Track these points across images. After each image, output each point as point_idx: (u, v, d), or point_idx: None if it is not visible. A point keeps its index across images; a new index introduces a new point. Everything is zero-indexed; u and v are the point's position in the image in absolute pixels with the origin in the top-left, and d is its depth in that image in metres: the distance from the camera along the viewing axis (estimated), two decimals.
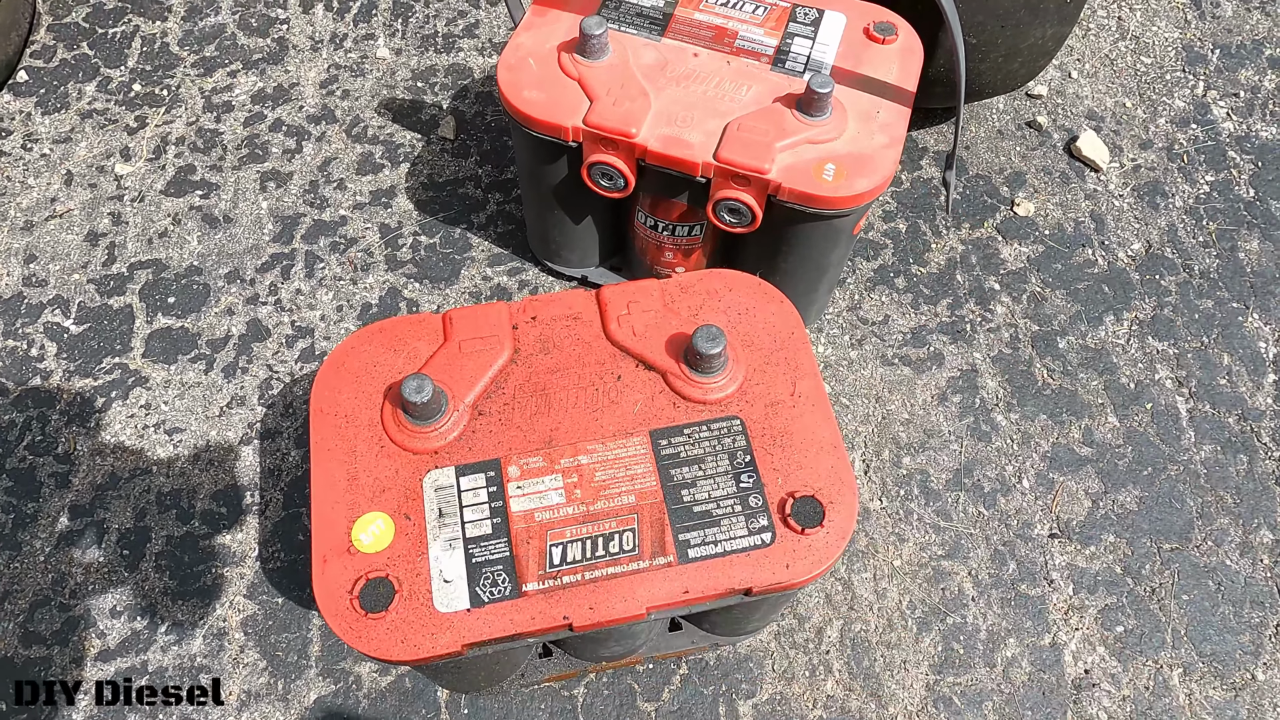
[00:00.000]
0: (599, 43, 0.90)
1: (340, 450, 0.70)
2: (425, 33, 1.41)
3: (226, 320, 1.14)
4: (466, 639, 0.63)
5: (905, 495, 1.04)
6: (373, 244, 1.21)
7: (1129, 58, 1.40)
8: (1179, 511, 1.04)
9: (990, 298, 1.18)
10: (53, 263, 1.19)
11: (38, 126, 1.30)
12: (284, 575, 0.98)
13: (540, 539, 0.66)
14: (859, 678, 0.94)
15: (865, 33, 0.95)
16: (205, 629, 0.95)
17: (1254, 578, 1.00)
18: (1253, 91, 1.36)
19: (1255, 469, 1.06)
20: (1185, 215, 1.25)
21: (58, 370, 1.10)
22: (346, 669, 0.93)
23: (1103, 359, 1.14)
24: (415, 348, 0.75)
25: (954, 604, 0.98)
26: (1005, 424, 1.09)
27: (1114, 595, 0.99)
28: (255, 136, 1.30)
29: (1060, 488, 1.05)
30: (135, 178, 1.26)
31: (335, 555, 0.66)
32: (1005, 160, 1.30)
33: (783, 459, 0.70)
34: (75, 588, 0.97)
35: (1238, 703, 0.93)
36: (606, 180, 0.92)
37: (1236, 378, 1.12)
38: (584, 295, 0.79)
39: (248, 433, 1.06)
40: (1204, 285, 1.19)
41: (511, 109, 0.91)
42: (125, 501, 1.02)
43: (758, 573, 0.66)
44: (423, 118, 1.32)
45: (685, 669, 0.94)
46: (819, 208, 0.86)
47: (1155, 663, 0.95)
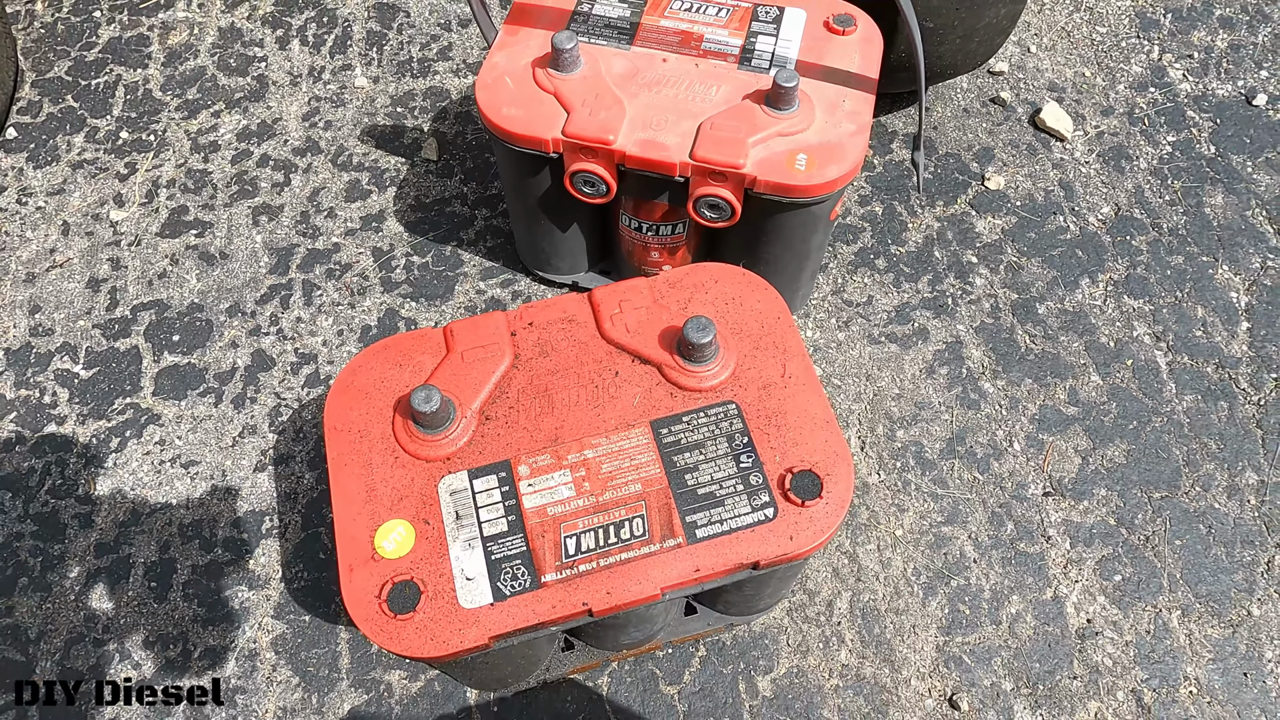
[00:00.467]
0: (571, 56, 0.94)
1: (357, 464, 0.74)
2: (400, 59, 1.44)
3: (231, 353, 1.18)
4: (492, 631, 0.66)
5: (902, 467, 1.07)
6: (367, 268, 1.24)
7: (1085, 28, 1.44)
8: (1166, 461, 1.07)
9: (969, 271, 1.22)
10: (57, 311, 1.22)
11: (31, 180, 1.34)
12: (308, 593, 1.01)
13: (555, 532, 0.70)
14: (871, 645, 0.97)
15: (825, 26, 0.99)
16: (237, 652, 0.98)
17: (1242, 518, 1.04)
18: (1206, 52, 1.41)
19: (1236, 414, 1.10)
20: (1150, 176, 1.29)
21: (71, 415, 1.13)
22: (377, 678, 0.96)
23: (1081, 321, 1.17)
24: (420, 361, 0.79)
25: (957, 567, 1.01)
26: (992, 391, 1.12)
27: (1110, 546, 1.02)
28: (244, 173, 1.33)
29: (1050, 447, 1.09)
30: (130, 222, 1.29)
31: (361, 564, 0.69)
32: (973, 137, 1.34)
33: (779, 437, 0.73)
34: (107, 623, 1.00)
35: (1235, 639, 0.97)
36: (589, 187, 0.96)
37: (1211, 328, 1.16)
38: (577, 298, 0.82)
39: (261, 459, 1.09)
40: (1173, 242, 1.23)
41: (492, 126, 0.94)
42: (148, 536, 1.05)
43: (764, 546, 0.69)
44: (405, 141, 1.36)
45: (704, 651, 0.97)
46: (794, 197, 0.90)
47: (1154, 607, 0.99)
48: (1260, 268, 1.21)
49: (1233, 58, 1.40)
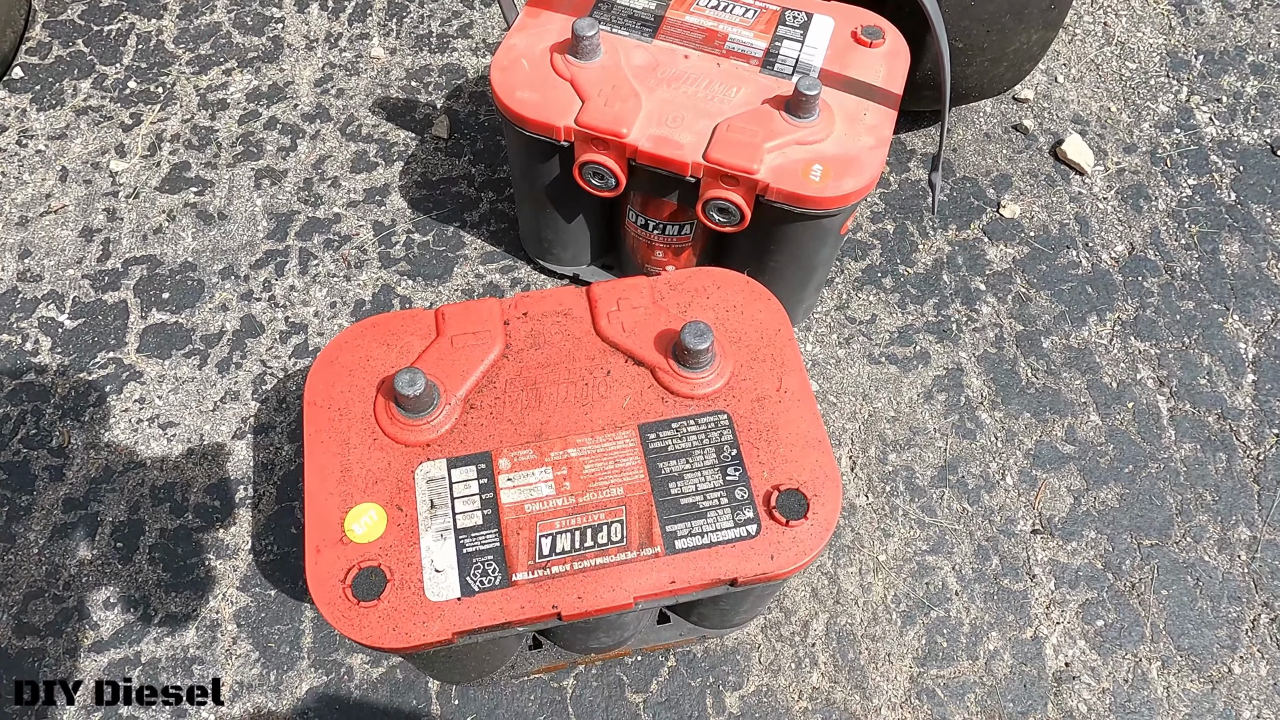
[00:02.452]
0: (591, 44, 0.92)
1: (334, 442, 0.71)
2: (420, 32, 1.42)
3: (220, 316, 1.15)
4: (457, 627, 0.64)
5: (891, 491, 1.05)
6: (366, 241, 1.22)
7: (1114, 63, 1.42)
8: (1159, 508, 1.05)
9: (976, 298, 1.20)
10: (47, 258, 1.19)
11: (33, 123, 1.31)
12: (277, 568, 0.99)
13: (530, 530, 0.68)
14: (844, 670, 0.95)
15: (853, 36, 0.97)
16: (198, 621, 0.96)
17: (1231, 573, 1.02)
18: (1235, 97, 1.39)
19: (1234, 467, 1.08)
20: (1168, 218, 1.27)
21: (52, 365, 1.11)
22: (339, 660, 0.94)
23: (1086, 358, 1.15)
24: (408, 342, 0.77)
25: (938, 598, 0.99)
26: (990, 422, 1.10)
27: (1095, 590, 1.00)
28: (250, 134, 1.31)
29: (1043, 484, 1.07)
30: (130, 174, 1.27)
31: (328, 545, 0.67)
32: (992, 163, 1.32)
33: (768, 453, 0.71)
34: (69, 580, 0.98)
35: (1214, 695, 0.95)
36: (598, 179, 0.94)
37: (1216, 378, 1.14)
38: (574, 292, 0.80)
39: (241, 427, 1.07)
40: (1185, 287, 1.21)
41: (504, 109, 0.92)
42: (119, 495, 1.03)
43: (743, 563, 0.67)
44: (416, 117, 1.33)
45: (673, 661, 0.95)
46: (806, 207, 0.88)
47: (1134, 656, 0.97)
48: (1271, 320, 1.19)
49: (1261, 105, 1.38)
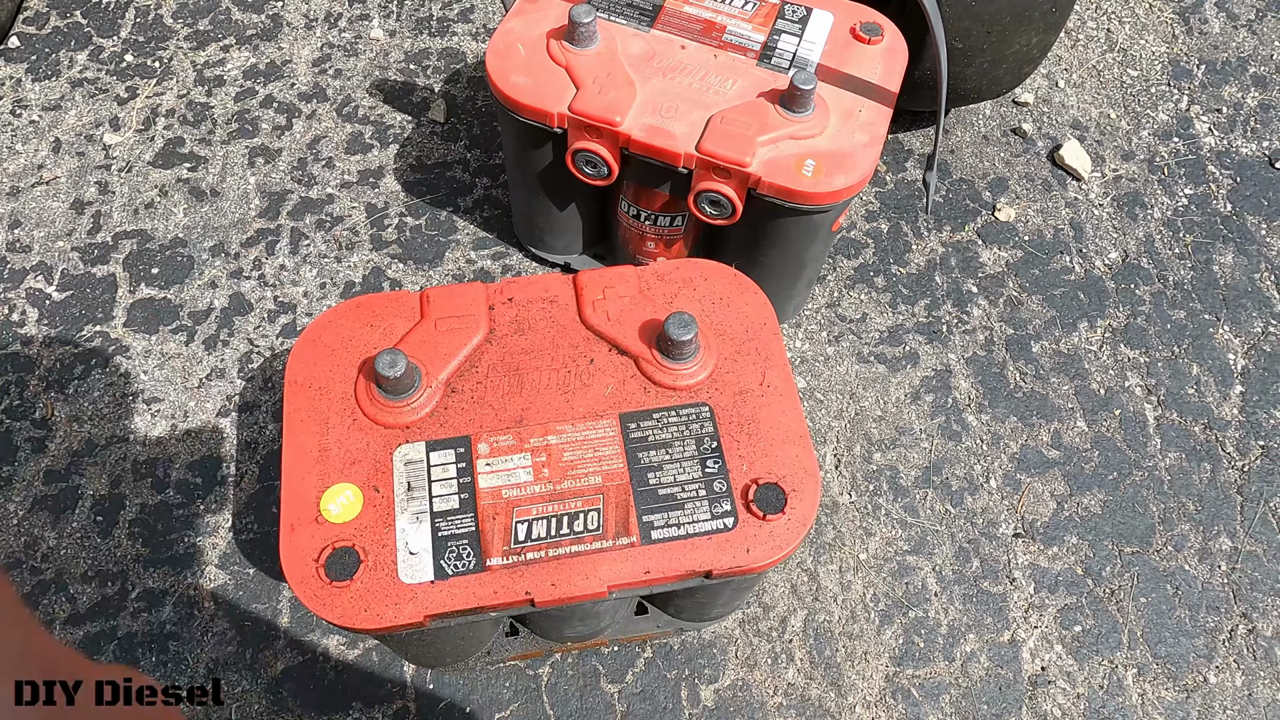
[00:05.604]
0: (587, 31, 0.91)
1: (313, 421, 0.71)
2: (420, 15, 1.41)
3: (209, 293, 1.15)
4: (429, 610, 0.64)
5: (874, 490, 1.05)
6: (358, 223, 1.21)
7: (1115, 69, 1.42)
8: (1141, 516, 1.05)
9: (967, 300, 1.19)
10: (37, 229, 1.19)
11: (28, 93, 1.30)
12: (256, 547, 0.99)
13: (506, 515, 0.67)
14: (820, 667, 0.95)
15: (851, 32, 0.96)
16: (176, 597, 0.96)
17: (1211, 583, 1.02)
18: (1235, 108, 1.38)
19: (1218, 477, 1.08)
20: (1163, 227, 1.27)
21: (38, 336, 1.11)
22: (314, 641, 0.94)
23: (1075, 364, 1.15)
24: (392, 324, 0.76)
25: (917, 598, 0.99)
26: (976, 424, 1.10)
27: (1074, 595, 1.00)
28: (246, 112, 1.30)
29: (1026, 489, 1.07)
30: (123, 148, 1.26)
31: (303, 524, 0.67)
32: (989, 165, 1.31)
33: (749, 446, 0.71)
34: (47, 552, 0.98)
35: (1189, 704, 0.95)
36: (590, 167, 0.93)
37: (1204, 388, 1.14)
38: (561, 279, 0.80)
39: (226, 405, 1.07)
40: (1177, 296, 1.21)
41: (498, 93, 0.92)
42: (101, 469, 1.02)
43: (719, 556, 0.67)
44: (414, 100, 1.33)
45: (650, 653, 0.95)
46: (798, 202, 0.87)
47: (1110, 662, 0.97)
48: (1261, 332, 1.19)
49: (1261, 117, 1.37)
